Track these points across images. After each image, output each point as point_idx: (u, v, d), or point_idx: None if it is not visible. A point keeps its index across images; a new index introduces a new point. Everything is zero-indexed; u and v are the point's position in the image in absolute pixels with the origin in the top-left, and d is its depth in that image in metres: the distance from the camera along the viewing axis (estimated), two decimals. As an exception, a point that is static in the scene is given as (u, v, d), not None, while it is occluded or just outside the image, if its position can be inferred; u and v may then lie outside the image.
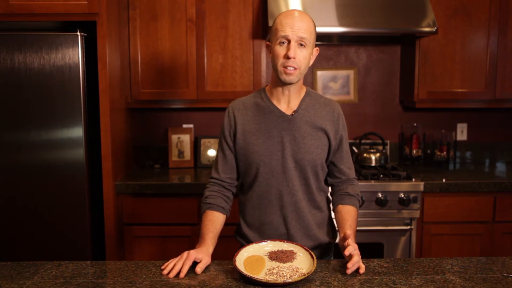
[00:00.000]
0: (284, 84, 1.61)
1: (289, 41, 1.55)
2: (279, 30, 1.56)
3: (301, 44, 1.56)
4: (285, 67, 1.56)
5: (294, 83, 1.61)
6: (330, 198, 1.78)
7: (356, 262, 1.42)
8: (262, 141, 1.63)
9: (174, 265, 1.44)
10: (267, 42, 1.65)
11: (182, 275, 1.41)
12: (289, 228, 1.64)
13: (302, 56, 1.56)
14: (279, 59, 1.57)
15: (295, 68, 1.56)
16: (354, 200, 1.69)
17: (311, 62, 1.63)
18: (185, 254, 1.47)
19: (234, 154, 1.70)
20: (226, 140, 1.70)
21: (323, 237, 1.70)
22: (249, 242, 1.68)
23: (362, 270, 1.43)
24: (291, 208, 1.64)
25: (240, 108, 1.69)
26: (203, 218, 1.65)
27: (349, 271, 1.41)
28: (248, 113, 1.67)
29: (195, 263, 1.46)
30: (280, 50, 1.56)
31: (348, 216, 1.63)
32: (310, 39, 1.57)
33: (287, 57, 1.54)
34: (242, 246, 1.72)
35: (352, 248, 1.43)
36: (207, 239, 1.57)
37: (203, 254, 1.48)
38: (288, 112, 1.65)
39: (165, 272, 1.44)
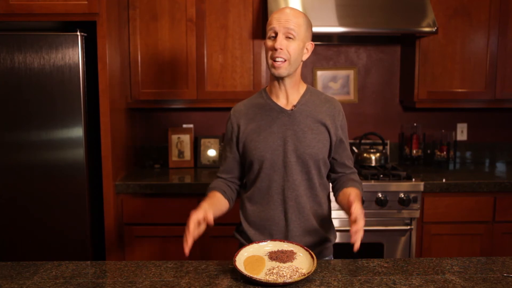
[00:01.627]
0: (278, 78, 1.64)
1: (276, 34, 1.59)
2: (268, 24, 1.62)
3: (289, 37, 1.58)
4: (274, 60, 1.59)
5: (284, 76, 1.62)
6: (332, 194, 1.79)
7: (360, 227, 1.37)
8: (263, 137, 1.65)
9: (185, 243, 1.43)
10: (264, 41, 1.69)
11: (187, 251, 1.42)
12: (289, 223, 1.65)
13: (292, 48, 1.58)
14: (268, 52, 1.61)
15: (284, 60, 1.58)
16: (359, 185, 1.71)
17: (305, 57, 1.65)
18: (186, 228, 1.45)
19: (237, 155, 1.73)
20: (228, 143, 1.74)
21: (323, 234, 1.70)
22: (247, 239, 1.69)
23: (357, 244, 1.38)
24: (292, 203, 1.65)
25: (242, 110, 1.73)
26: None
27: (353, 239, 1.36)
28: (250, 112, 1.71)
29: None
30: (269, 43, 1.61)
31: (354, 194, 1.57)
32: (299, 31, 1.59)
33: (274, 48, 1.58)
34: (241, 245, 1.73)
35: (358, 211, 1.40)
36: (203, 204, 1.55)
37: (200, 213, 1.46)
38: (288, 107, 1.68)
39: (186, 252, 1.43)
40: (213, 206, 1.59)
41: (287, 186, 1.64)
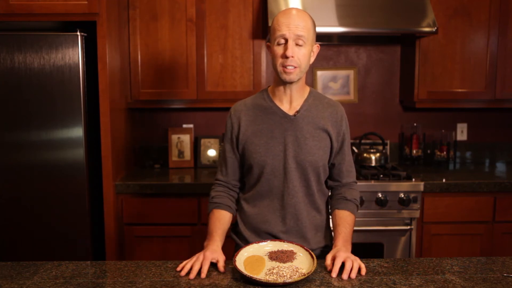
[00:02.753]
0: (285, 83, 1.61)
1: (286, 40, 1.55)
2: (277, 30, 1.56)
3: (299, 43, 1.55)
4: (284, 66, 1.55)
5: (294, 81, 1.60)
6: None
7: (348, 268, 1.41)
8: (264, 142, 1.63)
9: (192, 266, 1.43)
10: (267, 43, 1.65)
11: (203, 275, 1.41)
12: (287, 230, 1.64)
13: (301, 54, 1.56)
14: (278, 59, 1.57)
15: (294, 67, 1.56)
16: (350, 205, 1.68)
17: (312, 60, 1.62)
18: (200, 256, 1.47)
19: (237, 156, 1.70)
20: (229, 143, 1.70)
21: (320, 241, 1.69)
22: (244, 240, 1.68)
23: (363, 271, 1.43)
24: (291, 209, 1.63)
25: (242, 110, 1.69)
26: (210, 217, 1.66)
27: (345, 276, 1.40)
28: (250, 113, 1.67)
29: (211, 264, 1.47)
30: (279, 50, 1.56)
31: (341, 222, 1.63)
32: (308, 36, 1.56)
33: (285, 56, 1.54)
34: (237, 245, 1.72)
35: (339, 261, 1.43)
36: (216, 236, 1.57)
37: (217, 254, 1.49)
38: (291, 112, 1.65)
39: (182, 273, 1.43)
40: (223, 237, 1.60)
41: (287, 192, 1.62)
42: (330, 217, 1.73)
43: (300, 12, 1.58)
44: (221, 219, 1.64)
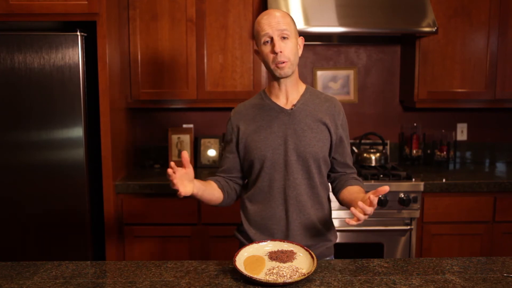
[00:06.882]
0: (279, 78, 1.65)
1: (272, 38, 1.60)
2: (260, 31, 1.63)
3: (284, 37, 1.60)
4: (276, 63, 1.61)
5: (289, 75, 1.64)
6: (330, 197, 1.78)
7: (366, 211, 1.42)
8: (264, 137, 1.66)
9: (175, 183, 1.54)
10: (255, 48, 1.70)
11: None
12: (290, 222, 1.65)
13: (289, 48, 1.61)
14: (268, 57, 1.62)
15: (285, 62, 1.61)
16: (360, 183, 1.72)
17: (300, 52, 1.68)
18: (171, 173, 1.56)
19: (236, 155, 1.74)
20: (229, 144, 1.75)
21: (324, 234, 1.70)
22: (248, 239, 1.69)
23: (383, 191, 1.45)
24: (293, 202, 1.65)
25: (242, 111, 1.74)
26: None
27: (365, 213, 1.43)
28: (249, 113, 1.72)
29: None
30: (266, 49, 1.62)
31: (356, 190, 1.63)
32: (291, 29, 1.62)
33: (274, 52, 1.59)
34: (241, 244, 1.73)
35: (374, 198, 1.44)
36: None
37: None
38: (288, 106, 1.69)
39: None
40: (202, 186, 1.61)
41: (288, 185, 1.64)
42: (337, 197, 1.74)
43: (278, 11, 1.65)
44: (206, 183, 1.67)
